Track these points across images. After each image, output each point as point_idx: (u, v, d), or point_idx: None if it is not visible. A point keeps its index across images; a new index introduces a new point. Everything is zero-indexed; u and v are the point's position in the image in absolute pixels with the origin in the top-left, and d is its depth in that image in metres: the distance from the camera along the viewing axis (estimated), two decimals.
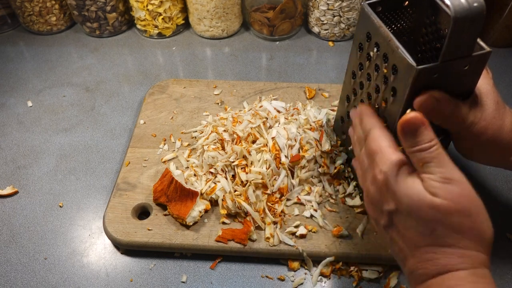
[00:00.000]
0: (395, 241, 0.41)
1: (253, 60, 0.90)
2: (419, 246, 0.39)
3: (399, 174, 0.40)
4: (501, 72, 0.86)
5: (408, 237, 0.39)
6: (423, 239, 0.38)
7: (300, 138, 0.62)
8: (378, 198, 0.42)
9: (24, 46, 0.94)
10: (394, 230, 0.41)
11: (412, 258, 0.39)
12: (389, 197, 0.40)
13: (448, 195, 0.37)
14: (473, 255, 0.38)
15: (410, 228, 0.39)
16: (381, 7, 0.49)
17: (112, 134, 0.75)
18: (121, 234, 0.58)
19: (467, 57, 0.42)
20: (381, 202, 0.41)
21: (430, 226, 0.38)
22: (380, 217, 0.43)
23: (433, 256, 0.38)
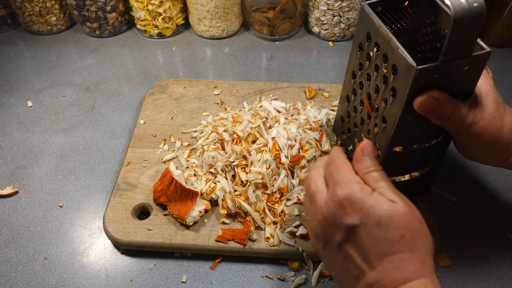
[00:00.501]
0: (350, 257, 0.41)
1: (253, 60, 0.90)
2: (386, 254, 0.39)
3: (363, 190, 0.41)
4: (501, 72, 0.86)
5: (371, 249, 0.40)
6: (392, 247, 0.39)
7: (300, 138, 0.62)
8: (336, 213, 0.42)
9: (24, 46, 0.94)
10: (352, 245, 0.41)
11: (373, 271, 0.39)
12: (351, 212, 0.41)
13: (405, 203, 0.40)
14: (429, 261, 0.39)
15: (376, 238, 0.39)
16: (381, 7, 0.49)
17: (112, 134, 0.75)
18: (121, 234, 0.58)
19: (467, 57, 0.42)
20: (340, 217, 0.41)
21: (400, 232, 0.39)
22: (335, 234, 0.42)
23: (401, 263, 0.38)
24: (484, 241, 0.60)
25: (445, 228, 0.60)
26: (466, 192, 0.65)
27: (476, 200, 0.65)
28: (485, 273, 0.57)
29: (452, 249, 0.59)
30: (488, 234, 0.61)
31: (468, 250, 0.59)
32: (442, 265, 0.58)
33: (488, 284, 0.56)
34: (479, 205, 0.64)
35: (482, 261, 0.58)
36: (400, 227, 0.39)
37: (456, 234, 0.61)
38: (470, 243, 0.60)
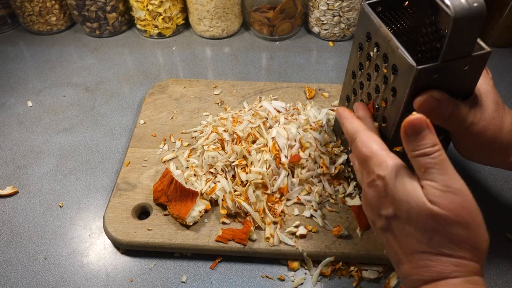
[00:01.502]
0: (391, 244, 0.42)
1: (253, 60, 0.90)
2: (415, 252, 0.39)
3: (397, 179, 0.39)
4: (501, 72, 0.86)
5: (404, 243, 0.39)
6: (419, 246, 0.38)
7: (300, 138, 0.62)
8: (375, 202, 0.42)
9: (24, 46, 0.94)
10: (391, 234, 0.41)
11: (407, 263, 0.39)
12: (387, 202, 0.40)
13: (448, 205, 0.37)
14: (467, 264, 0.38)
15: (407, 234, 0.39)
16: (381, 7, 0.49)
17: (112, 134, 0.75)
18: (121, 234, 0.58)
19: (467, 57, 0.42)
20: (379, 206, 0.41)
21: (428, 234, 0.37)
22: (377, 220, 0.43)
23: (428, 263, 0.38)
24: None
25: None
26: None
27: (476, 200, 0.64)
28: (485, 273, 0.57)
29: None
30: (488, 234, 0.61)
31: None
32: None
33: (488, 284, 0.56)
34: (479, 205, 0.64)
35: None
36: (427, 229, 0.37)
37: None
38: None
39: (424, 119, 0.38)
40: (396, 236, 0.40)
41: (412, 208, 0.38)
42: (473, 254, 0.38)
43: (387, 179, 0.40)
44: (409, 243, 0.39)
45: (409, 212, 0.38)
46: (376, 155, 0.42)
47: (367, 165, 0.43)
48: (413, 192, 0.38)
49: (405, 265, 0.40)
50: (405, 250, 0.39)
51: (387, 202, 0.40)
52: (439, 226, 0.37)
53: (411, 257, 0.39)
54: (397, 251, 0.41)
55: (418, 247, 0.38)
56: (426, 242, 0.38)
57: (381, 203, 0.41)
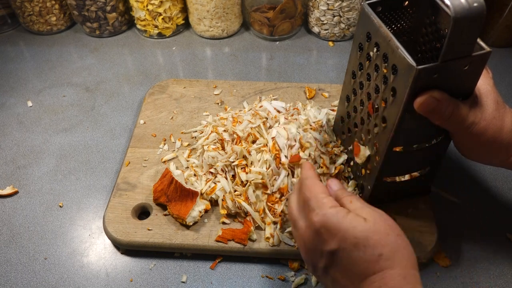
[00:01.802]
0: (337, 280, 0.42)
1: (253, 60, 0.90)
2: (367, 276, 0.40)
3: (338, 213, 0.42)
4: (501, 72, 0.86)
5: (353, 271, 0.40)
6: (371, 267, 0.39)
7: (300, 138, 0.62)
8: (316, 241, 0.43)
9: (24, 46, 0.94)
10: (337, 268, 0.42)
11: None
12: (328, 238, 0.41)
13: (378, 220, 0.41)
14: (412, 274, 0.40)
15: (355, 260, 0.40)
16: (381, 7, 0.49)
17: (112, 134, 0.75)
18: (121, 234, 0.58)
19: (467, 57, 0.42)
20: (320, 244, 0.42)
21: (377, 250, 0.39)
22: (319, 260, 0.43)
23: (383, 282, 0.39)
24: (484, 241, 0.60)
25: (445, 228, 0.60)
26: (466, 192, 0.65)
27: (476, 200, 0.65)
28: (485, 273, 0.57)
29: (452, 249, 0.59)
30: (488, 234, 0.61)
31: (468, 250, 0.59)
32: (442, 265, 0.58)
33: (488, 284, 0.56)
34: (479, 205, 0.64)
35: (482, 261, 0.58)
36: (377, 246, 0.40)
37: (456, 234, 0.61)
38: (470, 243, 0.60)
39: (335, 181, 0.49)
40: (342, 268, 0.41)
41: (359, 232, 0.40)
42: (411, 262, 0.40)
43: (327, 214, 0.42)
44: (359, 268, 0.40)
45: (356, 237, 0.40)
46: (317, 196, 0.44)
47: (307, 206, 0.45)
48: (355, 218, 0.41)
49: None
50: (356, 278, 0.40)
51: (328, 238, 0.41)
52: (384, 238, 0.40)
53: (363, 283, 0.40)
54: (344, 285, 0.41)
55: (370, 269, 0.40)
56: (377, 260, 0.39)
57: (322, 240, 0.42)
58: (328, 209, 0.42)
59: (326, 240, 0.42)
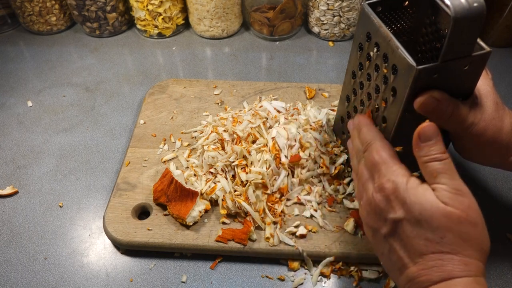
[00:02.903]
0: (394, 250, 0.42)
1: (253, 60, 0.90)
2: (425, 253, 0.39)
3: (409, 183, 0.41)
4: (501, 72, 0.86)
5: (412, 245, 0.40)
6: (431, 246, 0.39)
7: (300, 138, 0.62)
8: (382, 206, 0.42)
9: (24, 46, 0.94)
10: (397, 238, 0.41)
11: (414, 266, 0.40)
12: (396, 206, 0.41)
13: (459, 206, 0.39)
14: (476, 264, 0.39)
15: (416, 236, 0.39)
16: (381, 7, 0.49)
17: (112, 134, 0.75)
18: (121, 234, 0.58)
19: (467, 57, 0.42)
20: (386, 210, 0.42)
21: (440, 233, 0.38)
22: (381, 226, 0.43)
23: (440, 262, 0.38)
24: None
25: None
26: None
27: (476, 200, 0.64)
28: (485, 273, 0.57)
29: None
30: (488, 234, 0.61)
31: None
32: None
33: (488, 284, 0.55)
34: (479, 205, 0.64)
35: None
36: (441, 228, 0.38)
37: None
38: None
39: (436, 127, 0.41)
40: (402, 240, 0.41)
41: (425, 209, 0.39)
42: (480, 254, 0.39)
43: (398, 182, 0.41)
44: (418, 244, 0.39)
45: (421, 213, 0.39)
46: (388, 162, 0.43)
47: (377, 170, 0.44)
48: (426, 194, 0.40)
49: (412, 268, 0.40)
50: (413, 252, 0.40)
51: (396, 206, 0.41)
52: (452, 225, 0.38)
53: (420, 258, 0.39)
54: (401, 256, 0.41)
55: (429, 248, 0.39)
56: (439, 241, 0.38)
57: (389, 207, 0.41)
58: (400, 177, 0.41)
59: (394, 207, 0.41)
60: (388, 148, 0.45)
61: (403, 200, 0.40)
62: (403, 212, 0.40)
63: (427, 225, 0.39)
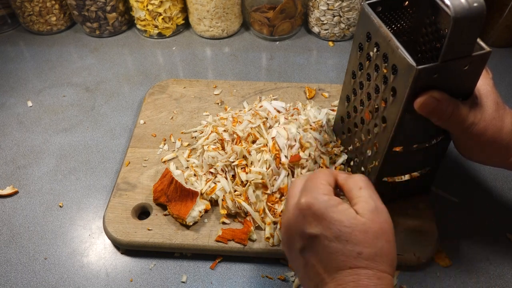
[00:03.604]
0: (312, 265, 0.42)
1: (253, 60, 0.90)
2: (342, 268, 0.40)
3: (329, 201, 0.42)
4: (501, 72, 0.86)
5: (330, 260, 0.40)
6: (348, 262, 0.40)
7: (300, 138, 0.62)
8: (300, 220, 0.43)
9: (24, 46, 0.94)
10: (313, 254, 0.42)
11: (332, 282, 0.40)
12: (312, 221, 0.41)
13: (377, 221, 0.41)
14: (388, 278, 0.40)
15: (334, 251, 0.40)
16: (381, 7, 0.49)
17: (112, 134, 0.75)
18: (121, 234, 0.58)
19: (467, 57, 0.42)
20: (303, 225, 0.42)
21: (357, 249, 0.40)
22: (296, 241, 0.43)
23: (356, 277, 0.39)
24: (484, 241, 0.60)
25: (445, 228, 0.60)
26: (466, 192, 0.65)
27: (476, 200, 0.65)
28: (485, 273, 0.57)
29: (452, 249, 0.59)
30: (488, 234, 0.61)
31: (468, 250, 0.59)
32: (442, 265, 0.58)
33: (488, 284, 0.56)
34: (479, 205, 0.64)
35: (482, 261, 0.58)
36: (359, 244, 0.40)
37: (456, 234, 0.61)
38: (470, 243, 0.60)
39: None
40: (319, 255, 0.41)
41: (345, 226, 0.40)
42: (390, 268, 0.40)
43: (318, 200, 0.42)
44: (336, 260, 0.40)
45: (341, 230, 0.40)
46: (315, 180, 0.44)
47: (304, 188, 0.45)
48: (345, 210, 0.41)
49: (330, 284, 0.40)
50: (330, 268, 0.40)
51: (313, 221, 0.41)
52: (369, 240, 0.40)
53: (337, 274, 0.40)
54: (319, 272, 0.41)
55: (347, 263, 0.40)
56: (356, 257, 0.39)
57: (307, 222, 0.42)
58: (321, 195, 0.42)
59: (310, 223, 0.41)
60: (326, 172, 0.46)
61: (322, 217, 0.41)
62: (320, 229, 0.41)
63: (346, 241, 0.40)
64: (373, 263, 0.40)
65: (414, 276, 0.57)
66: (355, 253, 0.39)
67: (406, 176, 0.57)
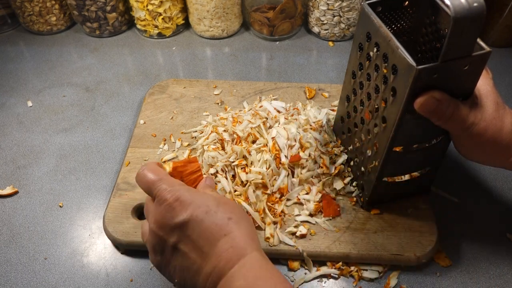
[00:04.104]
0: (186, 255, 0.43)
1: (253, 60, 0.90)
2: (218, 238, 0.43)
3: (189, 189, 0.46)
4: (501, 72, 0.86)
5: (205, 237, 0.43)
6: (222, 229, 0.43)
7: (300, 138, 0.62)
8: (167, 216, 0.44)
9: (24, 46, 0.94)
10: (186, 242, 0.43)
11: (212, 257, 0.42)
12: (181, 209, 0.43)
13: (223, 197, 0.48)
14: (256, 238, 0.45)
15: (207, 226, 0.43)
16: (381, 7, 0.49)
17: (112, 134, 0.75)
18: (121, 234, 0.58)
19: (467, 57, 0.42)
20: (171, 218, 0.43)
21: (227, 215, 0.44)
22: (169, 237, 0.44)
23: (231, 241, 0.42)
24: (484, 241, 0.60)
25: (445, 228, 0.60)
26: (466, 192, 0.65)
27: (476, 200, 0.65)
28: (485, 273, 0.57)
29: (452, 249, 0.59)
30: (488, 234, 0.61)
31: (468, 250, 0.59)
32: (442, 265, 0.58)
33: (488, 284, 0.56)
34: (479, 205, 0.64)
35: (482, 261, 0.58)
36: (226, 211, 0.44)
37: (456, 234, 0.61)
38: (470, 243, 0.60)
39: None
40: (193, 239, 0.43)
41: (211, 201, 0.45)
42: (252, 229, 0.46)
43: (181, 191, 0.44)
44: (210, 233, 0.43)
45: (208, 205, 0.44)
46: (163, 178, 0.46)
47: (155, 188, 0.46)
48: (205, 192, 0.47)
49: (210, 260, 0.42)
50: (207, 245, 0.43)
51: (182, 209, 0.43)
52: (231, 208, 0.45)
53: (213, 248, 0.42)
54: (194, 258, 0.43)
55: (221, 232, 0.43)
56: (227, 223, 0.43)
57: (174, 214, 0.43)
58: (179, 186, 0.45)
59: (178, 212, 0.43)
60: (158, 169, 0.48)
61: (189, 201, 0.44)
62: (189, 212, 0.43)
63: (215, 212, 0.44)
64: (241, 226, 0.44)
65: (414, 276, 0.57)
66: (226, 219, 0.43)
67: (406, 176, 0.57)
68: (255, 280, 0.41)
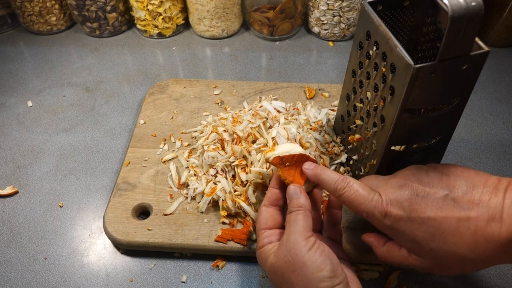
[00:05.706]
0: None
1: (253, 60, 0.90)
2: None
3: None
4: (501, 72, 0.86)
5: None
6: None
7: (300, 138, 0.62)
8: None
9: (24, 46, 0.95)
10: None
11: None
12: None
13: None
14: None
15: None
16: (381, 6, 0.49)
17: (112, 134, 0.75)
18: (121, 234, 0.58)
19: (465, 56, 0.42)
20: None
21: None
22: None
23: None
24: None
25: None
26: None
27: None
28: (485, 273, 0.57)
29: None
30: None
31: None
32: None
33: (488, 284, 0.56)
34: None
35: None
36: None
37: None
38: None
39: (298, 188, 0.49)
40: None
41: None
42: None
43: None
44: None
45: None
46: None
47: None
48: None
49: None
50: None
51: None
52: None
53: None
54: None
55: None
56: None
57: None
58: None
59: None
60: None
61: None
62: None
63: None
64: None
65: (414, 276, 0.57)
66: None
67: None
68: None
